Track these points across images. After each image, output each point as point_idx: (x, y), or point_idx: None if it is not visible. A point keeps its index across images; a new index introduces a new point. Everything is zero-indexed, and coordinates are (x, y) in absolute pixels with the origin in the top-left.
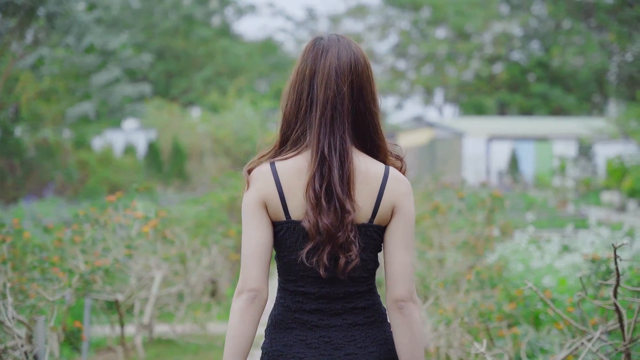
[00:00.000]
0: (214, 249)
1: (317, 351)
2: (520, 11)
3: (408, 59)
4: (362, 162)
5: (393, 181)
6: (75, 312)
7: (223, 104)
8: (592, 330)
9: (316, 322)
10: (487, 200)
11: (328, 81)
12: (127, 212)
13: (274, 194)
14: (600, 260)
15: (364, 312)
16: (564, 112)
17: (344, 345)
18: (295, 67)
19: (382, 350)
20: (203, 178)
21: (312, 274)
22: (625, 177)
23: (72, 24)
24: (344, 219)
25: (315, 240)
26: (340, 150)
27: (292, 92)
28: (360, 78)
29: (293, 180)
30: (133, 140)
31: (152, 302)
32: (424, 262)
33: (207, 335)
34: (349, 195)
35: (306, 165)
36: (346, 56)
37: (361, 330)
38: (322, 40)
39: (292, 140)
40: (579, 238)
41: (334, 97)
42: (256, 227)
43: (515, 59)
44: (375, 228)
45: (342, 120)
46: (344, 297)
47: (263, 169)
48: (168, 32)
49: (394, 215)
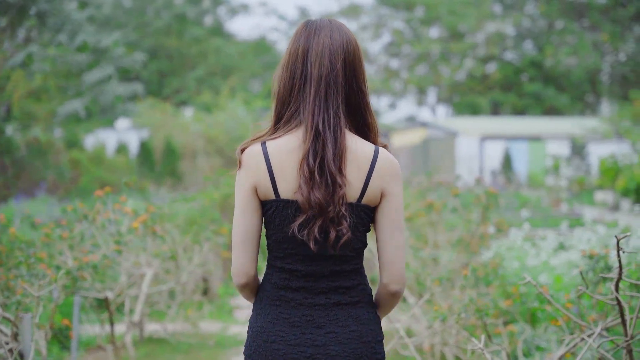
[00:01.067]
0: (205, 246)
1: (299, 329)
2: (514, 11)
3: (401, 58)
4: (353, 142)
5: (383, 162)
6: (65, 310)
7: (216, 104)
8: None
9: (300, 300)
10: (482, 197)
11: (322, 58)
12: (117, 207)
13: (264, 174)
14: (598, 256)
15: (348, 291)
16: (557, 111)
17: (326, 324)
18: (288, 49)
19: (363, 330)
20: (196, 177)
21: (299, 251)
22: (618, 176)
23: (64, 22)
24: (335, 194)
25: (307, 213)
26: (334, 126)
27: (285, 71)
28: (353, 57)
29: (283, 160)
30: (125, 139)
31: (142, 300)
32: (419, 260)
33: (199, 334)
34: (340, 171)
35: (297, 144)
36: (339, 36)
37: (344, 309)
38: (314, 21)
39: (286, 118)
40: (574, 236)
41: (328, 74)
42: (247, 216)
43: (509, 59)
44: (363, 207)
45: (335, 97)
46: (329, 276)
47: (254, 150)
48: (160, 31)
49: (384, 196)
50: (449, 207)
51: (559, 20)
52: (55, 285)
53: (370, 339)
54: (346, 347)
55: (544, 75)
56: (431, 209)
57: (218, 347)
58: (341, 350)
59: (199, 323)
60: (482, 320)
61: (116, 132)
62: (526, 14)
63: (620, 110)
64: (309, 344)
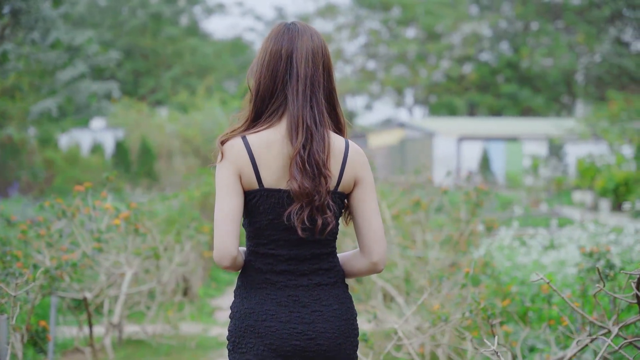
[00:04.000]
0: (187, 245)
1: (287, 308)
2: (490, 12)
3: (378, 59)
4: (331, 136)
5: (353, 153)
6: (41, 311)
7: (192, 104)
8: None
9: (285, 282)
10: (472, 194)
11: (307, 59)
12: (97, 204)
13: (248, 166)
14: (600, 253)
15: (327, 273)
16: (533, 112)
17: (310, 303)
18: (266, 48)
19: (344, 309)
20: (172, 178)
21: (283, 236)
22: (597, 176)
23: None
24: (321, 184)
25: (301, 201)
26: (319, 122)
27: (266, 70)
28: (328, 61)
29: (265, 152)
30: (100, 139)
31: (122, 300)
32: (406, 259)
33: (180, 335)
34: (326, 163)
35: (278, 137)
36: (317, 40)
37: (325, 290)
38: (295, 24)
39: (267, 114)
40: (563, 234)
41: (313, 75)
42: (231, 198)
43: (485, 60)
44: (340, 194)
45: (319, 95)
46: (310, 259)
47: (236, 143)
48: (136, 30)
49: (357, 183)
50: (434, 205)
51: (534, 22)
52: (32, 284)
53: (349, 316)
54: (332, 325)
55: (520, 76)
56: (418, 207)
57: (199, 349)
58: (328, 327)
59: (180, 324)
60: (488, 320)
61: (91, 131)
62: (502, 15)
63: (596, 110)
64: (298, 322)
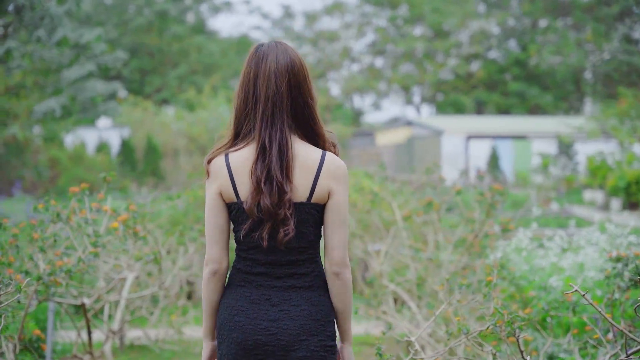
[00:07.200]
0: (191, 247)
1: (257, 306)
2: (498, 9)
3: (385, 57)
4: (302, 149)
5: (329, 165)
6: (39, 316)
7: (198, 102)
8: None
9: (261, 282)
10: (487, 194)
11: (268, 82)
12: (95, 206)
13: (227, 181)
14: (628, 258)
15: (302, 277)
16: (541, 110)
17: (280, 302)
18: (242, 71)
19: (312, 310)
20: (178, 176)
21: (259, 244)
22: (608, 175)
23: (43, 16)
24: (282, 199)
25: (253, 218)
26: (279, 140)
27: (241, 92)
28: (297, 77)
29: (242, 168)
30: (107, 137)
31: (123, 305)
32: (418, 262)
33: (183, 340)
34: (287, 178)
35: (251, 156)
36: (283, 59)
37: (297, 292)
38: (262, 47)
39: (243, 134)
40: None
41: (274, 95)
42: (215, 214)
43: (493, 58)
44: (313, 205)
45: (281, 114)
46: (286, 264)
47: (219, 161)
48: (142, 28)
49: (330, 195)
50: (446, 205)
51: (543, 19)
52: (20, 294)
53: (320, 317)
54: (296, 323)
55: (528, 74)
56: (430, 207)
57: None
58: (292, 324)
59: (184, 329)
60: (515, 333)
61: (97, 130)
62: (510, 13)
63: (605, 108)
64: (264, 318)
